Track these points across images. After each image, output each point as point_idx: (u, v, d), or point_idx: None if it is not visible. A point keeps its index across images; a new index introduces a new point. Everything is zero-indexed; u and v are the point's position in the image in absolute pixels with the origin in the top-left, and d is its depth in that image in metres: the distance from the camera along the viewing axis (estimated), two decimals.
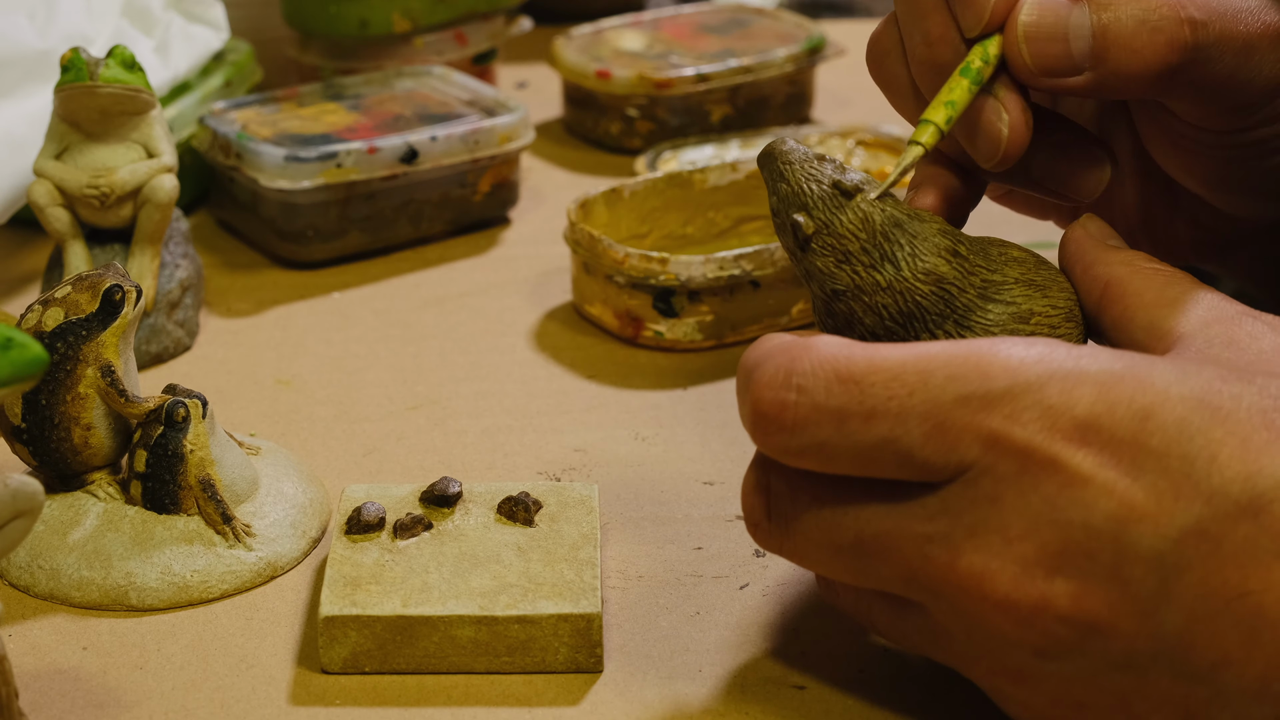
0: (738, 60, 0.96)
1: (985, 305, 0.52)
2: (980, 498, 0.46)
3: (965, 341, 0.47)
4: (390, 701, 0.54)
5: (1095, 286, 0.53)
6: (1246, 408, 0.45)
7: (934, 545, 0.47)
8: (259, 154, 0.82)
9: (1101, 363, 0.46)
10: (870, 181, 0.53)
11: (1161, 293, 0.52)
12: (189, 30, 0.90)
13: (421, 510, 0.59)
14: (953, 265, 0.52)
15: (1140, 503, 0.45)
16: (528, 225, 0.89)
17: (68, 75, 0.71)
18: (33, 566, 0.59)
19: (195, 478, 0.60)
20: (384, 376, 0.74)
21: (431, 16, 0.97)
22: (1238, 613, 0.44)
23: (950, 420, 0.46)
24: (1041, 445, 0.45)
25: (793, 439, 0.48)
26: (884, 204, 0.52)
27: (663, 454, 0.68)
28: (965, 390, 0.46)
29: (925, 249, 0.52)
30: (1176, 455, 0.45)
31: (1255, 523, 0.44)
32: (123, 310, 0.60)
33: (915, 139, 0.54)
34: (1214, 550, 0.44)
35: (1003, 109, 0.54)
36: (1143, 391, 0.46)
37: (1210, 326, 0.50)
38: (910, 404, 0.46)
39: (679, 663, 0.56)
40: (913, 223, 0.52)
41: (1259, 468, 0.44)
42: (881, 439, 0.47)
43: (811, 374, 0.47)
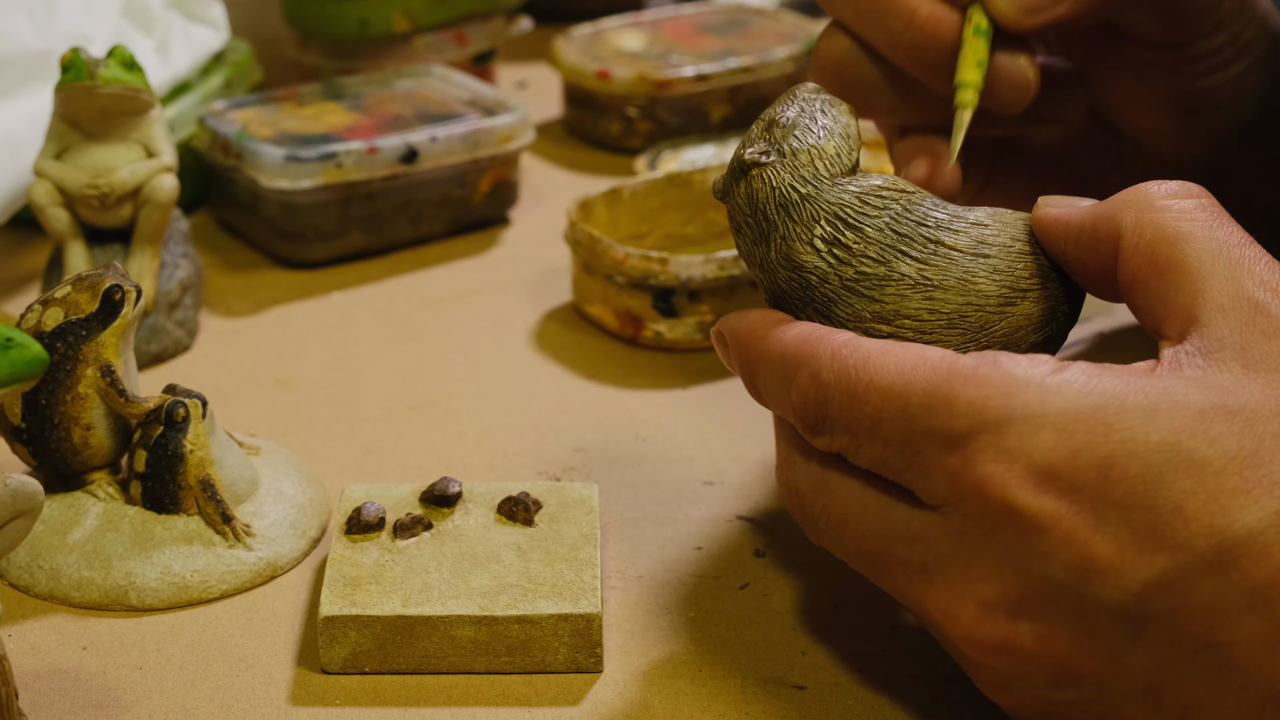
0: (738, 60, 0.96)
1: (849, 298, 0.51)
2: (951, 533, 0.46)
3: (955, 360, 0.47)
4: (390, 701, 0.54)
5: (1109, 244, 0.50)
6: (1221, 453, 0.43)
7: (913, 571, 0.48)
8: (259, 154, 0.81)
9: (1066, 400, 0.45)
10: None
11: (1173, 248, 0.48)
12: (189, 30, 0.90)
13: (421, 510, 0.59)
14: (821, 256, 0.52)
15: (1101, 554, 0.44)
16: (528, 225, 0.89)
17: (68, 75, 0.71)
18: (33, 566, 0.59)
19: (195, 478, 0.60)
20: (384, 376, 0.74)
21: (431, 16, 0.97)
22: (1206, 662, 0.43)
23: (922, 453, 0.47)
24: (999, 489, 0.45)
25: (830, 441, 0.49)
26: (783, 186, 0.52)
27: (663, 454, 0.68)
28: (933, 425, 0.46)
29: (798, 234, 0.52)
30: (1140, 507, 0.43)
31: (1223, 576, 0.43)
32: (122, 310, 0.60)
33: (961, 102, 0.56)
34: (1180, 603, 0.43)
35: (1017, 55, 0.57)
36: (1106, 438, 0.44)
37: (1227, 317, 0.46)
38: (892, 431, 0.47)
39: (679, 663, 0.56)
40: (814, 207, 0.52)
41: (1227, 520, 0.43)
42: (879, 457, 0.48)
43: (832, 387, 0.49)
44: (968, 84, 0.56)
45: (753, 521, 0.63)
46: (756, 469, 0.66)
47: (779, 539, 0.62)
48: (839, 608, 0.58)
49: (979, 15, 0.57)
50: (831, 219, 0.52)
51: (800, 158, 0.53)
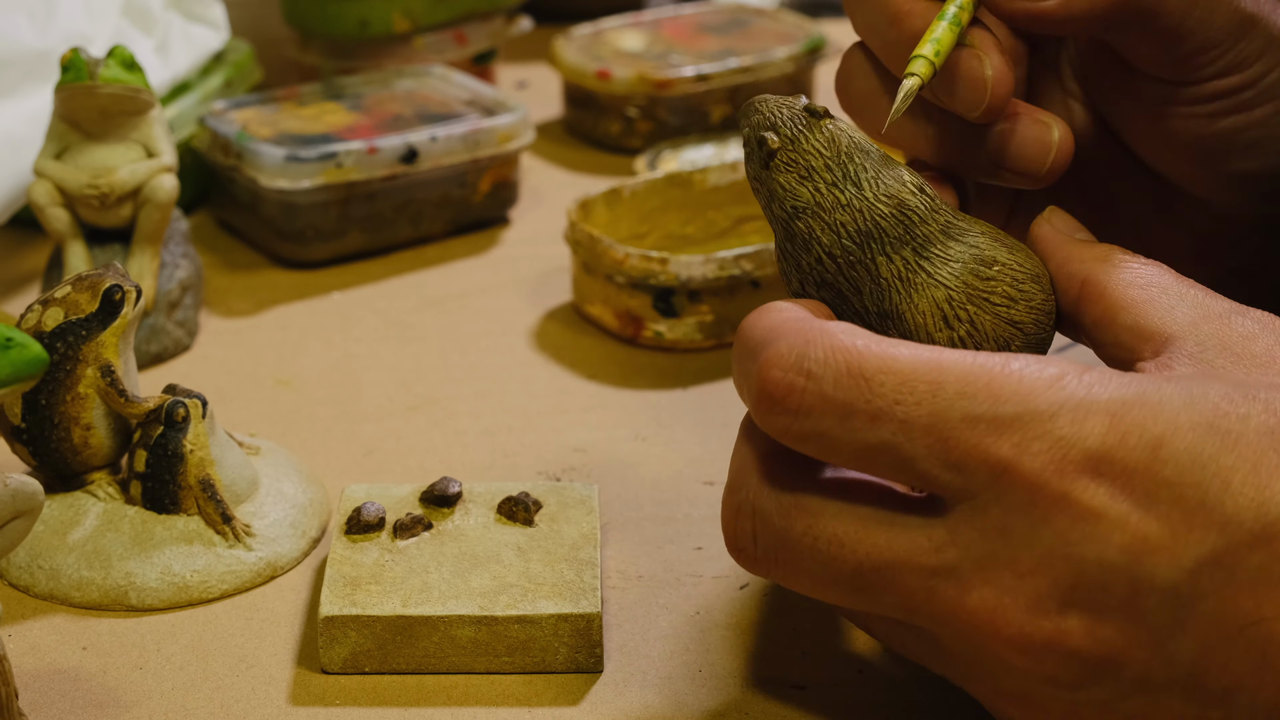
0: (738, 60, 0.96)
1: (947, 241, 0.51)
2: (989, 529, 0.45)
3: (979, 355, 0.46)
4: (390, 701, 0.54)
5: (1072, 284, 0.52)
6: (1254, 430, 0.44)
7: (941, 579, 0.46)
8: (259, 154, 0.82)
9: (1112, 390, 0.45)
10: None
11: (1143, 290, 0.51)
12: (189, 30, 0.90)
13: (421, 510, 0.59)
14: (918, 198, 0.52)
15: (1155, 535, 0.44)
16: (528, 225, 0.89)
17: (68, 75, 0.71)
18: (33, 566, 0.59)
19: (195, 478, 0.60)
20: (384, 376, 0.74)
21: (431, 16, 0.97)
22: (1250, 639, 0.44)
23: (956, 439, 0.45)
24: (1052, 480, 0.44)
25: (795, 423, 0.47)
26: (856, 134, 0.53)
27: (663, 454, 0.68)
28: (974, 410, 0.45)
29: (890, 176, 0.52)
30: (1190, 484, 0.44)
31: (1268, 550, 0.43)
32: (122, 310, 0.60)
33: (910, 71, 0.55)
34: (1229, 579, 0.44)
35: (982, 54, 0.55)
36: (1154, 419, 0.45)
37: (1200, 327, 0.49)
38: (917, 414, 0.45)
39: (679, 663, 0.56)
40: (883, 157, 0.52)
41: (1271, 494, 0.44)
42: (884, 442, 0.46)
43: (824, 361, 0.46)
44: (918, 57, 0.55)
45: None
46: None
47: None
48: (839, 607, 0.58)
49: (955, 7, 0.56)
50: (907, 169, 0.52)
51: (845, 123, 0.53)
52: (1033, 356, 0.47)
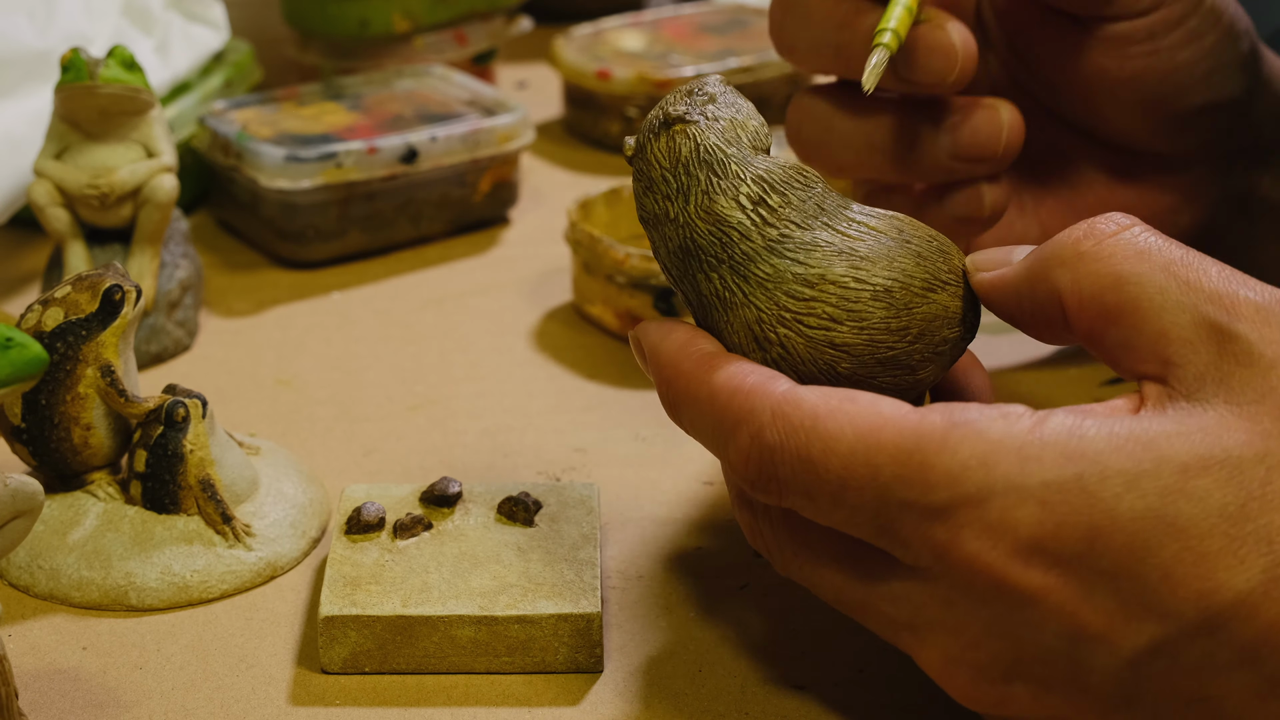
0: (738, 60, 0.96)
1: (770, 258, 0.50)
2: (937, 598, 0.46)
3: (919, 421, 0.45)
4: (390, 701, 0.54)
5: (1052, 307, 0.48)
6: (1206, 512, 0.43)
7: (900, 629, 0.47)
8: (259, 154, 0.82)
9: (1047, 469, 0.44)
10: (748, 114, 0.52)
11: (1120, 294, 0.46)
12: (189, 30, 0.90)
13: (421, 510, 0.59)
14: (747, 213, 0.50)
15: (1091, 624, 0.44)
16: (528, 225, 0.89)
17: (68, 75, 0.71)
18: (33, 566, 0.59)
19: (195, 478, 0.60)
20: (384, 376, 0.74)
21: (431, 16, 0.97)
22: (1199, 714, 0.44)
23: (898, 523, 0.45)
24: (986, 565, 0.44)
25: (780, 500, 0.48)
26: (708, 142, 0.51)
27: (663, 454, 0.68)
28: (909, 496, 0.45)
29: (724, 189, 0.50)
30: (1127, 576, 0.43)
31: (1212, 638, 0.43)
32: (122, 310, 0.60)
33: (877, 43, 0.55)
34: (1171, 666, 0.43)
35: (943, 23, 0.57)
36: (1089, 509, 0.43)
37: (1197, 351, 0.45)
38: (860, 500, 0.46)
39: (679, 663, 0.56)
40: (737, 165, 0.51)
41: (1215, 585, 0.42)
42: (845, 519, 0.46)
43: (779, 448, 0.47)
44: (885, 29, 0.56)
45: None
46: None
47: None
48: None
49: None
50: (757, 180, 0.50)
51: (724, 124, 0.51)
52: (977, 409, 0.45)
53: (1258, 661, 0.43)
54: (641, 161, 0.52)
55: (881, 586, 0.47)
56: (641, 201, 0.52)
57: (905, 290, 0.50)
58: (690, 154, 0.51)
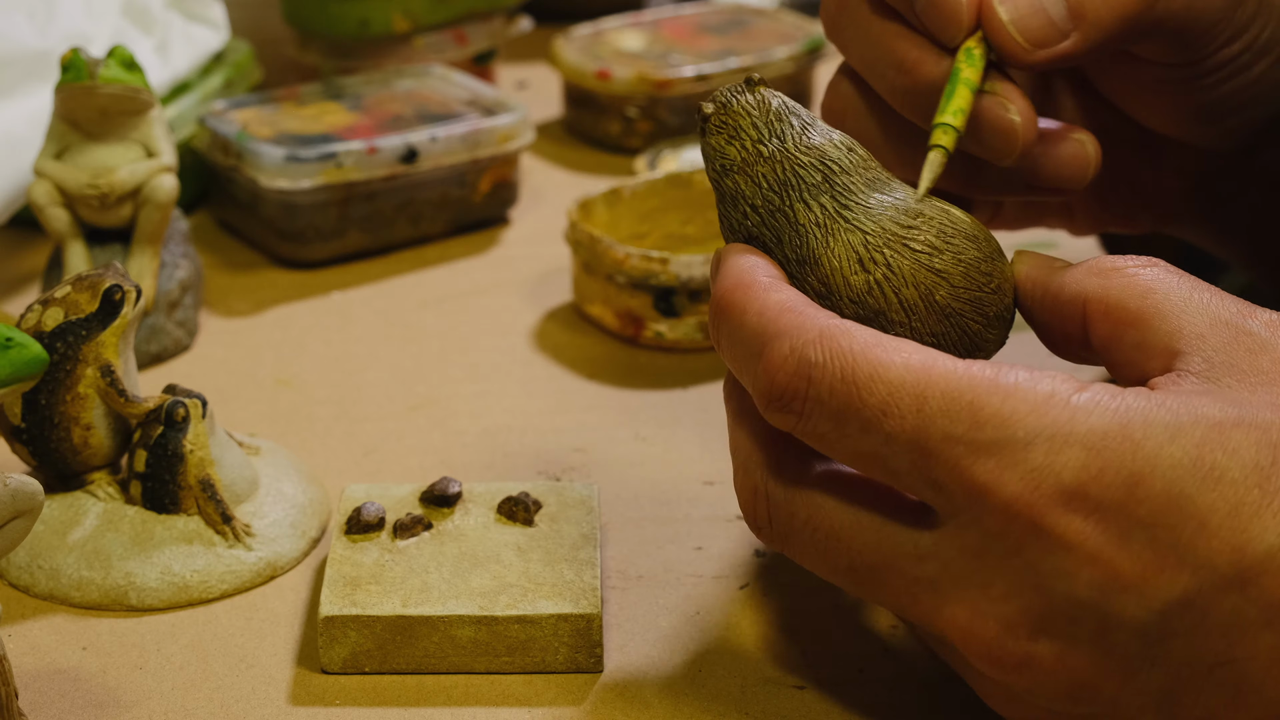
0: (738, 60, 0.96)
1: (870, 191, 0.51)
2: (967, 549, 0.46)
3: (971, 365, 0.46)
4: (390, 701, 0.54)
5: (1074, 309, 0.50)
6: (1240, 464, 0.44)
7: (921, 588, 0.47)
8: (259, 154, 0.81)
9: (1095, 419, 0.44)
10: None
11: (1146, 300, 0.49)
12: (189, 30, 0.90)
13: (421, 510, 0.59)
14: (842, 153, 0.52)
15: (1125, 572, 0.44)
16: (528, 225, 0.89)
17: (67, 75, 0.71)
18: (33, 566, 0.59)
19: (195, 478, 0.60)
20: (384, 376, 0.74)
21: (431, 16, 0.97)
22: (1221, 678, 0.44)
23: (937, 456, 0.45)
24: (1026, 508, 0.44)
25: (800, 423, 0.47)
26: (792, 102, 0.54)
27: (663, 454, 0.68)
28: (954, 430, 0.45)
29: (817, 132, 0.53)
30: (1164, 525, 0.43)
31: (1242, 594, 0.43)
32: (122, 310, 0.60)
33: (936, 143, 0.54)
34: (1199, 621, 0.44)
35: (1006, 101, 0.55)
36: (1132, 456, 0.44)
37: (1206, 340, 0.47)
38: (901, 428, 0.45)
39: (679, 663, 0.56)
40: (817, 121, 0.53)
41: (1248, 538, 0.43)
42: (873, 451, 0.46)
43: (822, 365, 0.47)
44: (943, 124, 0.55)
45: None
46: None
47: None
48: (839, 608, 0.58)
49: (963, 60, 0.55)
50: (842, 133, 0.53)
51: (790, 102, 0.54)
52: (1027, 371, 0.46)
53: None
54: (725, 116, 0.53)
55: (905, 546, 0.47)
56: (724, 152, 0.53)
57: (987, 242, 0.52)
58: (779, 107, 0.53)
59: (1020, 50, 0.55)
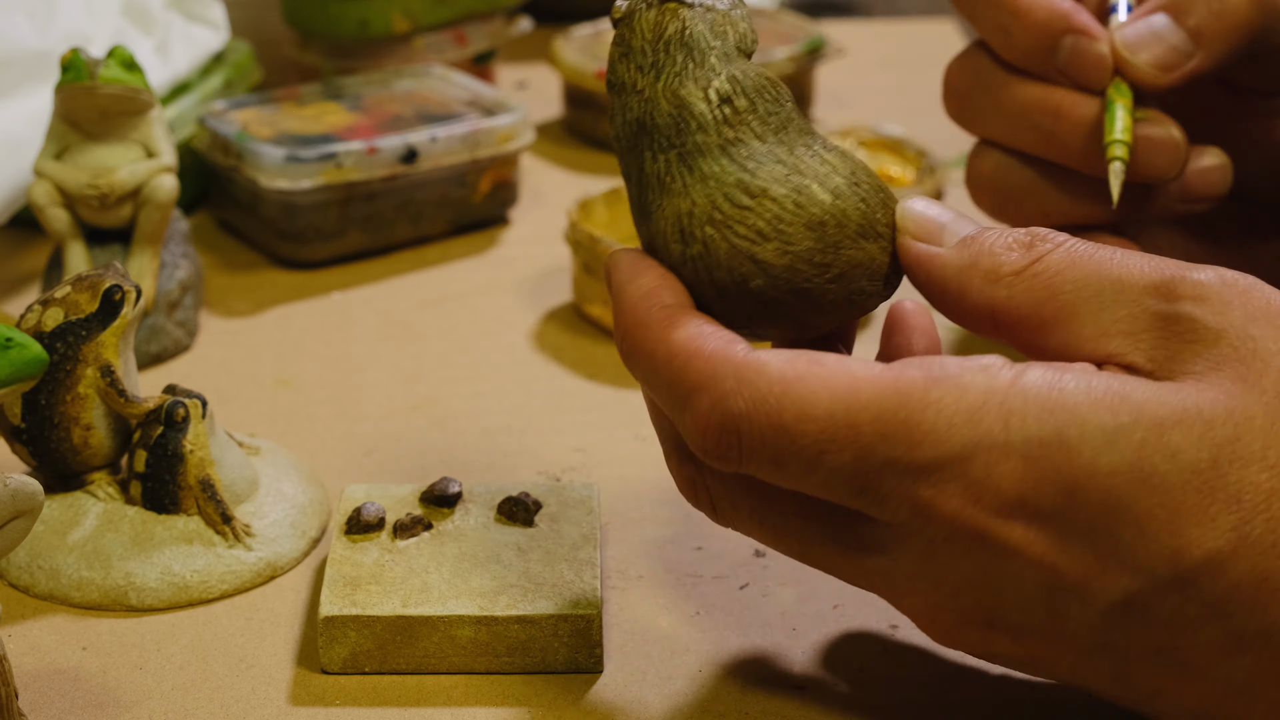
0: None
1: (720, 158, 0.49)
2: (917, 551, 0.46)
3: (899, 381, 0.45)
4: (390, 701, 0.54)
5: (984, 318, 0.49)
6: (1179, 468, 0.43)
7: (876, 579, 0.48)
8: (259, 154, 0.81)
9: (1030, 428, 0.44)
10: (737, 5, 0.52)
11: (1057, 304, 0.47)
12: (189, 30, 0.90)
13: (421, 510, 0.59)
14: (711, 107, 0.49)
15: (1068, 575, 0.44)
16: (527, 225, 0.89)
17: (67, 75, 0.71)
18: (33, 566, 0.59)
19: (195, 478, 0.60)
20: (384, 376, 0.74)
21: (431, 16, 0.97)
22: (1168, 660, 0.45)
23: (878, 482, 0.45)
24: (969, 520, 0.45)
25: (740, 468, 0.47)
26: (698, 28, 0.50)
27: (662, 454, 0.68)
28: (892, 454, 0.45)
29: (696, 77, 0.50)
30: (1103, 531, 0.44)
31: (1182, 594, 0.44)
32: (122, 310, 0.60)
33: (1112, 155, 0.62)
34: (1142, 618, 0.44)
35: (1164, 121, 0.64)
36: (1069, 464, 0.44)
37: (1139, 339, 0.46)
38: (840, 461, 0.45)
39: (679, 663, 0.56)
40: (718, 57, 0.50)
41: (1186, 542, 0.43)
42: (819, 483, 0.46)
43: (747, 416, 0.46)
44: (1116, 141, 0.63)
45: None
46: None
47: None
48: (839, 608, 0.58)
49: (1118, 92, 0.64)
50: (730, 79, 0.50)
51: (715, 16, 0.51)
52: (955, 362, 0.45)
53: (1225, 617, 0.44)
54: (626, 28, 0.51)
55: (854, 543, 0.48)
56: (614, 67, 0.51)
57: (839, 229, 0.49)
58: (674, 34, 0.50)
59: (1154, 76, 0.63)
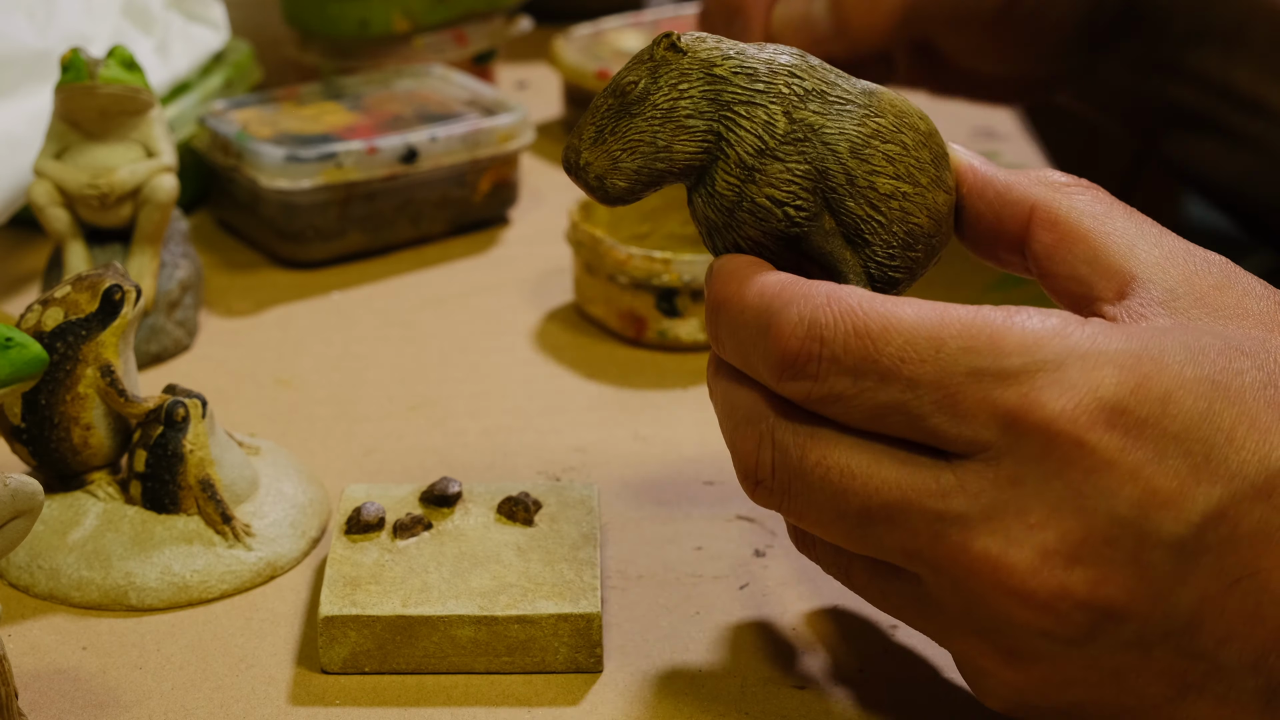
0: None
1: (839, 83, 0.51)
2: (1001, 480, 0.45)
3: (981, 309, 0.46)
4: (390, 701, 0.54)
5: (1018, 210, 0.51)
6: (1250, 385, 0.45)
7: (947, 524, 0.46)
8: (259, 154, 0.81)
9: (1118, 342, 0.45)
10: None
11: (1099, 220, 0.50)
12: (189, 30, 0.90)
13: (421, 510, 0.59)
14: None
15: (1163, 488, 0.44)
16: (528, 225, 0.89)
17: (67, 75, 0.71)
18: (32, 566, 0.59)
19: (195, 478, 0.60)
20: (384, 376, 0.74)
21: (431, 16, 0.97)
22: (1245, 591, 0.45)
23: (963, 394, 0.45)
24: (1067, 427, 0.44)
25: (815, 387, 0.47)
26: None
27: (663, 454, 0.68)
28: (979, 364, 0.45)
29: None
30: (1197, 439, 0.44)
31: (1269, 503, 0.44)
32: (122, 310, 0.60)
33: None
34: (1231, 532, 0.44)
35: None
36: (1161, 373, 0.45)
37: (1166, 271, 0.48)
38: (922, 372, 0.45)
39: (679, 663, 0.56)
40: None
41: (1271, 447, 0.44)
42: (894, 401, 0.46)
43: (833, 326, 0.46)
44: None
45: (753, 521, 0.63)
46: None
47: (779, 539, 0.62)
48: (839, 608, 0.58)
49: None
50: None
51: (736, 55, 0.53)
52: (1034, 309, 0.46)
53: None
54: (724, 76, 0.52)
55: (928, 482, 0.46)
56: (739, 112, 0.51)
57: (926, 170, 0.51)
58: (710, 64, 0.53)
59: (801, 46, 0.64)
